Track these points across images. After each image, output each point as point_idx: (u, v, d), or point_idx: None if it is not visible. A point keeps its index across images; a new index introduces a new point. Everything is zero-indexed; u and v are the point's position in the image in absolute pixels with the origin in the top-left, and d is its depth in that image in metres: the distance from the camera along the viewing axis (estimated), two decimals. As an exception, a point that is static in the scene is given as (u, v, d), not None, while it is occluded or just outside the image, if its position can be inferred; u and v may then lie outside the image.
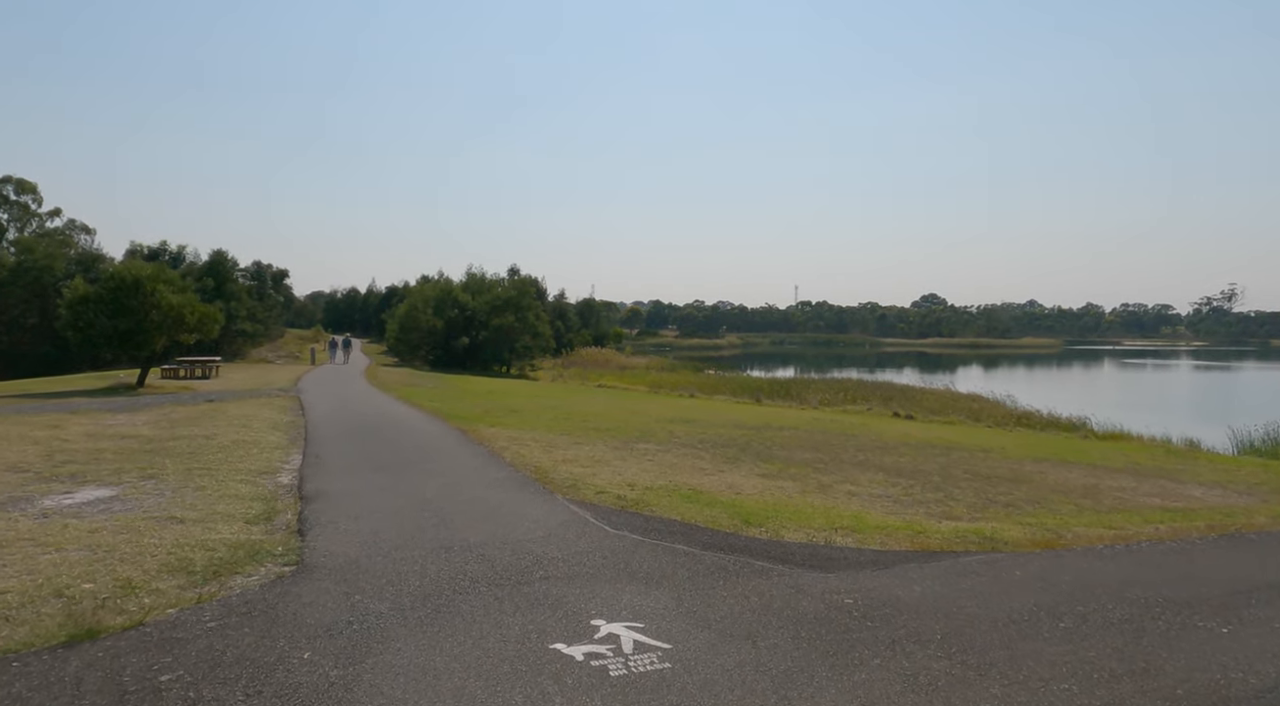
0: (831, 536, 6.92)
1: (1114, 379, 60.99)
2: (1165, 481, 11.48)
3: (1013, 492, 9.86)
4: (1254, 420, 21.38)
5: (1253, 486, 11.32)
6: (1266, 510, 9.37)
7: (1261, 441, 19.06)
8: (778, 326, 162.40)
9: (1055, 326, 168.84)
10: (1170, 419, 25.97)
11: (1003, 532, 7.36)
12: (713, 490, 9.02)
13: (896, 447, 13.89)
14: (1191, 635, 4.63)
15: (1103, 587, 5.54)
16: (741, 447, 13.05)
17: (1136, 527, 7.95)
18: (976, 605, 5.05)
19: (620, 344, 73.37)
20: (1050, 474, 11.64)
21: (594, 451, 11.95)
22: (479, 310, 45.57)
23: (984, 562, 6.15)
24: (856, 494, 9.31)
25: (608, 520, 7.19)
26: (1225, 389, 50.38)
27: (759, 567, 5.75)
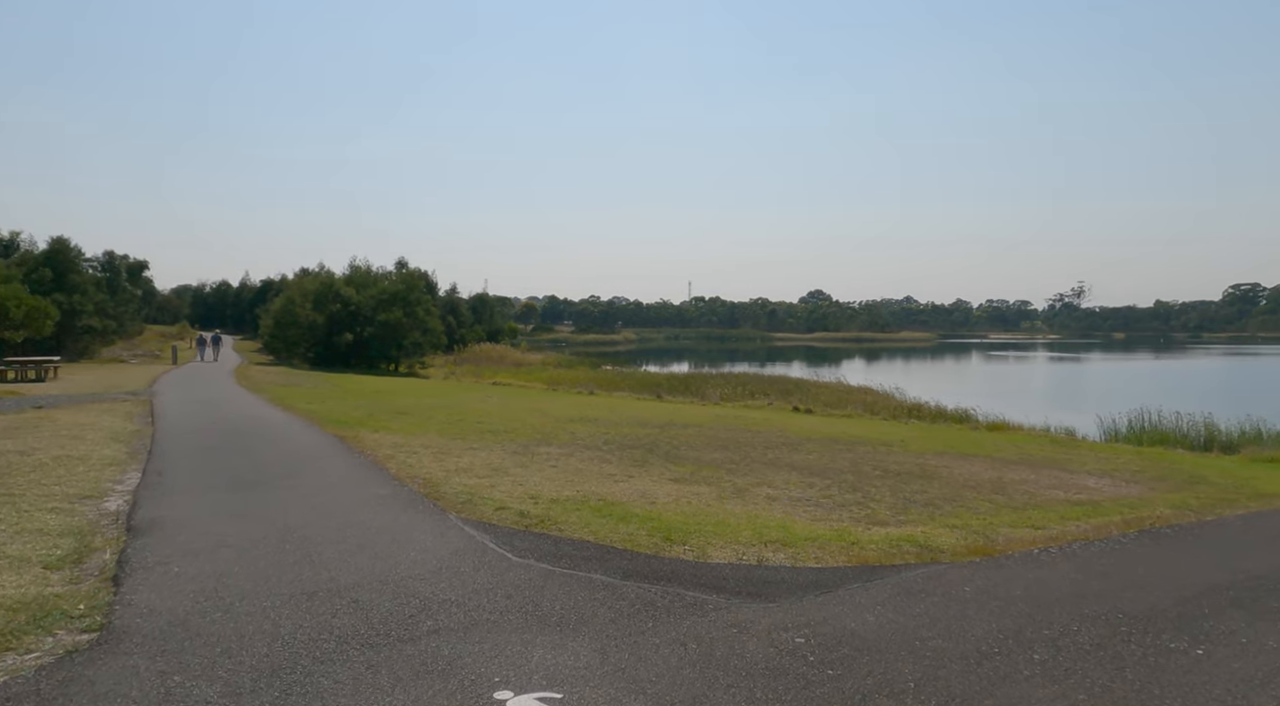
0: (763, 552, 6.24)
1: (985, 370, 64.76)
2: (1059, 471, 11.61)
3: (927, 490, 9.58)
4: (1113, 407, 22.62)
5: (1135, 474, 11.60)
6: (1162, 500, 9.48)
7: (1128, 429, 20.09)
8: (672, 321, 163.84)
9: (930, 321, 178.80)
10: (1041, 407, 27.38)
11: (935, 539, 6.92)
12: (625, 500, 8.20)
13: (803, 444, 13.56)
14: (1172, 662, 4.20)
15: (1058, 604, 5.10)
16: (649, 448, 12.32)
17: (1058, 526, 7.74)
18: (939, 636, 4.45)
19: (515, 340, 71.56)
20: (955, 468, 11.54)
21: (491, 458, 10.89)
22: (364, 305, 42.89)
23: (929, 578, 5.62)
24: (775, 497, 8.75)
25: (510, 544, 6.22)
26: (1081, 378, 54.41)
27: (691, 601, 4.96)
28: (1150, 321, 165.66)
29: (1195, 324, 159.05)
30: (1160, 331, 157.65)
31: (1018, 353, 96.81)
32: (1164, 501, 9.43)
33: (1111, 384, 45.67)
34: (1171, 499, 9.60)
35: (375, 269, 48.06)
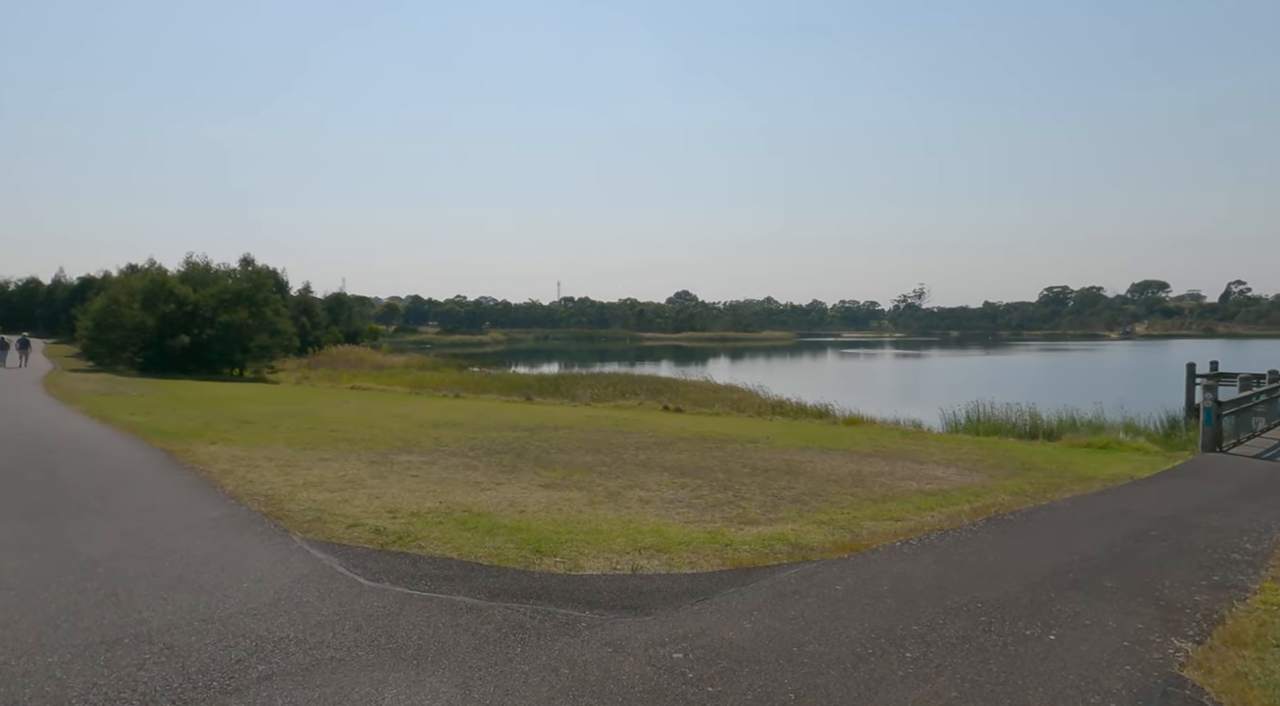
0: (637, 560, 6.02)
1: (840, 366, 68.53)
2: (910, 463, 12.23)
3: (794, 486, 9.77)
4: (953, 400, 24.36)
5: (976, 464, 12.42)
6: (1001, 487, 10.15)
7: (967, 420, 21.63)
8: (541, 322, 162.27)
9: (789, 320, 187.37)
10: (891, 401, 29.15)
11: (805, 536, 6.99)
12: (492, 510, 7.76)
13: (674, 443, 13.57)
14: (1029, 650, 4.34)
15: (924, 598, 5.21)
16: (518, 453, 11.88)
17: (915, 517, 8.05)
18: (816, 640, 4.39)
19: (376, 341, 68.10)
20: (818, 462, 11.89)
21: (345, 469, 10.08)
22: (203, 304, 39.23)
23: (802, 578, 5.61)
24: (649, 500, 8.59)
25: (363, 567, 5.65)
26: (924, 373, 58.73)
27: (563, 619, 4.65)
28: (980, 320, 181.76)
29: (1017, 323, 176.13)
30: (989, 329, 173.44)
31: (868, 350, 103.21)
32: (1003, 488, 10.10)
33: (950, 378, 49.50)
34: (1009, 485, 10.31)
35: (217, 266, 44.19)
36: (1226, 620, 4.93)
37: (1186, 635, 4.65)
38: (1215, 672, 4.08)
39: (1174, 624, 4.85)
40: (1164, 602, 5.28)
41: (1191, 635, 4.66)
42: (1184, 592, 5.52)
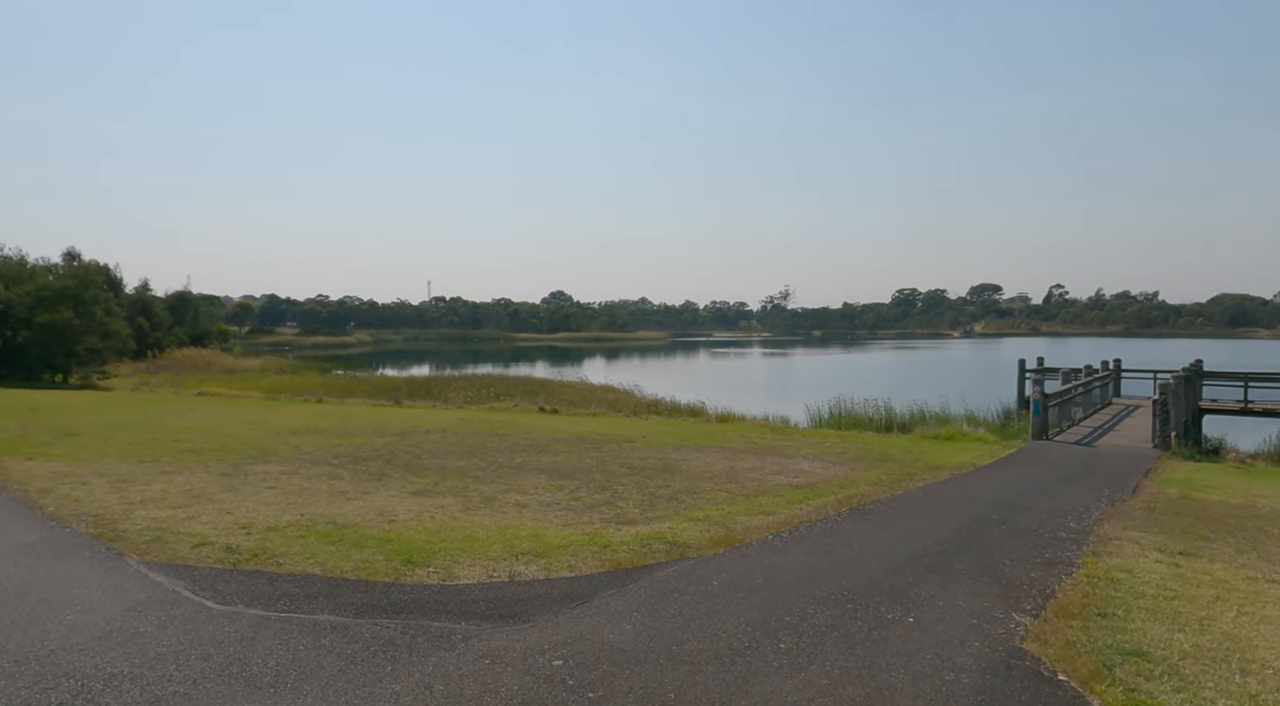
0: (515, 566, 5.89)
1: (712, 365, 70.49)
2: (780, 458, 12.74)
3: (670, 484, 9.92)
4: (817, 395, 25.63)
5: (840, 456, 13.11)
6: (863, 479, 10.75)
7: (830, 415, 22.80)
8: (411, 322, 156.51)
9: (663, 321, 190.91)
10: (761, 398, 30.29)
11: (682, 534, 7.09)
12: (360, 521, 7.36)
13: (551, 445, 13.45)
14: (892, 634, 4.59)
15: (795, 589, 5.41)
16: (387, 459, 11.36)
17: (786, 510, 8.37)
18: (694, 637, 4.44)
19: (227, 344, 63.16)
20: (693, 460, 12.14)
21: (192, 482, 9.26)
22: (17, 303, 34.98)
23: (680, 576, 5.67)
24: (525, 504, 8.45)
25: (212, 589, 5.19)
26: (790, 370, 61.48)
27: (437, 632, 4.46)
28: (840, 321, 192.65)
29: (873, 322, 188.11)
30: (848, 329, 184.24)
31: (738, 349, 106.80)
32: (864, 479, 10.70)
33: (814, 375, 52.06)
34: (869, 476, 10.94)
35: (35, 261, 39.50)
36: (1057, 594, 5.43)
37: (1025, 610, 5.08)
38: (1050, 643, 4.47)
39: (1014, 600, 5.29)
40: (1005, 581, 5.75)
41: (1029, 610, 5.09)
42: (1021, 570, 6.04)
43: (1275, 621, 4.98)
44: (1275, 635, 4.72)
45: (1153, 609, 5.14)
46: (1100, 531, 7.52)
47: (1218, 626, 4.84)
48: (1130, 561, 6.37)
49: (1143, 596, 5.41)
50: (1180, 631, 4.72)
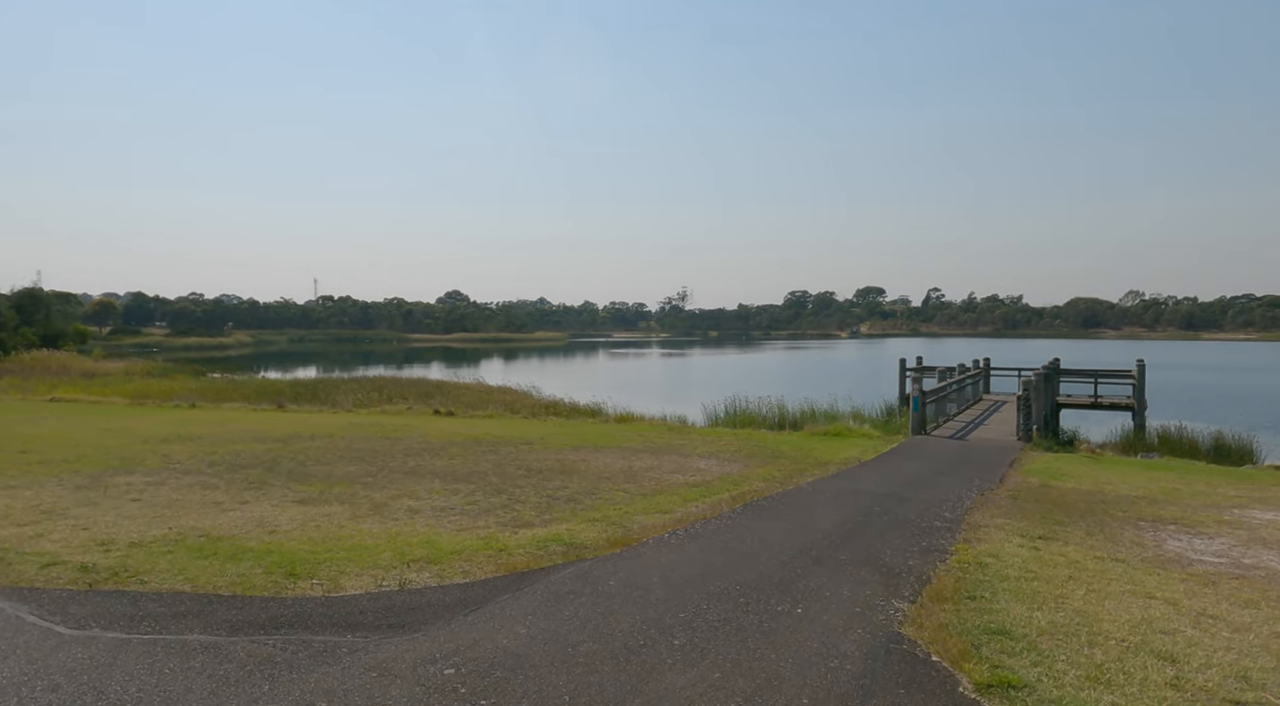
0: (406, 574, 5.70)
1: (611, 366, 70.76)
2: (677, 456, 12.95)
3: (568, 485, 9.88)
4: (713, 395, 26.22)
5: (734, 454, 13.46)
6: (756, 475, 11.08)
7: (725, 413, 23.35)
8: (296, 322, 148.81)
9: (562, 321, 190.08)
10: (659, 398, 30.66)
11: (579, 535, 7.08)
12: (236, 533, 6.93)
13: (446, 448, 13.13)
14: (781, 625, 4.74)
15: (690, 585, 5.50)
16: (268, 467, 10.76)
17: (682, 508, 8.51)
18: (590, 638, 4.44)
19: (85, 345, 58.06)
20: (591, 460, 12.16)
21: (42, 496, 8.46)
22: None
23: (576, 577, 5.66)
24: (418, 510, 8.20)
25: (63, 613, 4.75)
26: (688, 370, 62.53)
27: (320, 647, 4.26)
28: (735, 321, 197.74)
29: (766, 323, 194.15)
30: (742, 329, 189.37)
31: (636, 349, 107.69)
32: (757, 476, 11.02)
33: (710, 375, 53.16)
34: (762, 472, 11.28)
35: None
36: (932, 580, 5.77)
37: (904, 596, 5.37)
38: (925, 626, 4.74)
39: (894, 587, 5.58)
40: (886, 569, 6.06)
41: (907, 596, 5.38)
42: (901, 559, 6.38)
43: (1118, 597, 5.48)
44: (1118, 609, 5.19)
45: (1015, 590, 5.54)
46: (971, 519, 8.05)
47: (1070, 603, 5.27)
48: (996, 546, 6.85)
49: (1007, 578, 5.83)
50: (1038, 609, 5.12)
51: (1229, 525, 8.13)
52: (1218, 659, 4.33)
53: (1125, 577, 5.98)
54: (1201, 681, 4.02)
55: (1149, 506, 9.09)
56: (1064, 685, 3.92)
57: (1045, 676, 4.02)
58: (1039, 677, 4.00)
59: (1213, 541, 7.39)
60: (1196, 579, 6.02)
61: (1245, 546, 7.21)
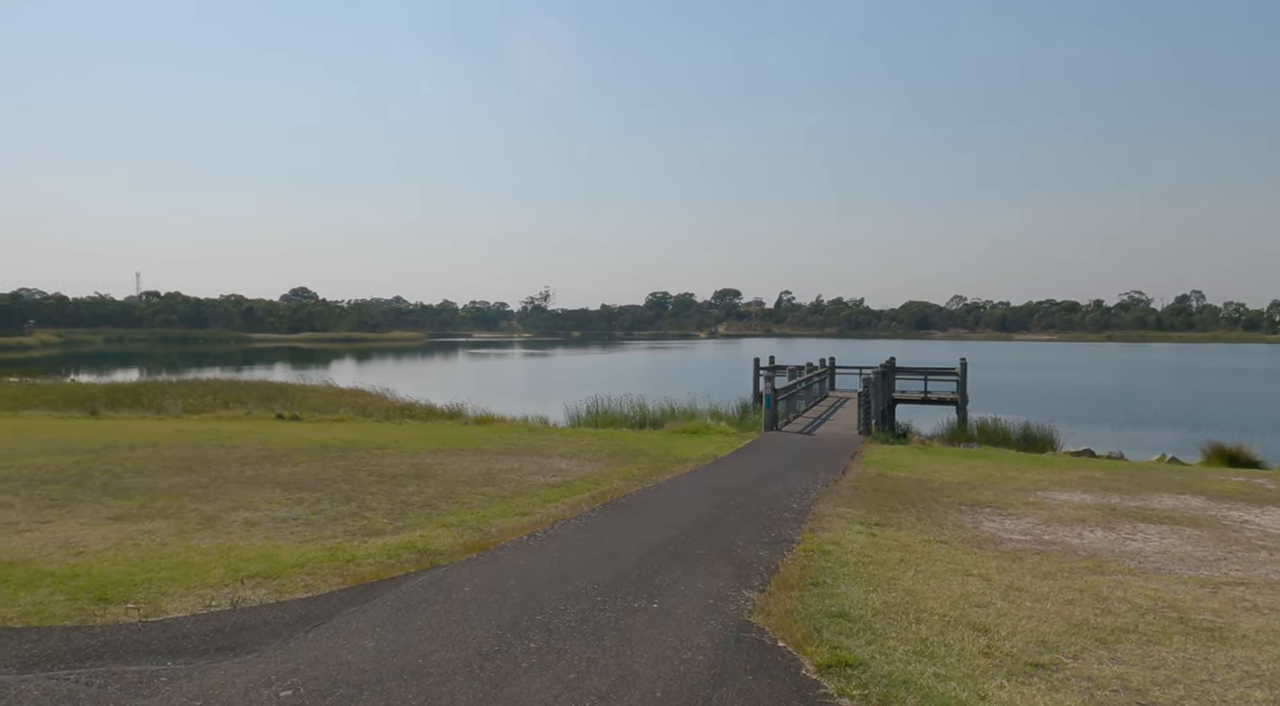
0: (239, 592, 5.28)
1: (471, 366, 69.17)
2: (538, 458, 12.86)
3: (424, 490, 9.56)
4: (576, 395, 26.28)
5: (596, 453, 13.55)
6: (617, 474, 11.20)
7: (588, 413, 23.44)
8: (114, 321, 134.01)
9: (419, 320, 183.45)
10: (520, 399, 30.33)
11: (434, 541, 6.85)
12: (33, 556, 6.15)
13: (290, 455, 12.32)
14: (637, 621, 4.80)
15: (548, 587, 5.46)
16: (76, 481, 9.64)
17: (542, 509, 8.44)
18: (443, 647, 4.30)
19: None
20: (449, 464, 11.83)
21: None
22: None
23: (430, 585, 5.46)
24: (256, 522, 7.63)
25: None
26: (550, 370, 62.26)
27: (134, 678, 3.85)
28: (598, 321, 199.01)
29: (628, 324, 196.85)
30: (605, 329, 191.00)
31: (498, 350, 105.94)
32: (618, 474, 11.13)
33: (573, 375, 53.18)
34: (623, 471, 11.41)
35: None
36: (780, 569, 6.06)
37: (754, 586, 5.60)
38: (772, 614, 4.97)
39: (745, 578, 5.80)
40: (739, 561, 6.29)
41: (757, 585, 5.62)
42: (752, 550, 6.65)
43: (942, 575, 5.99)
44: (941, 587, 5.67)
45: (854, 574, 5.93)
46: (816, 509, 8.53)
47: (901, 584, 5.71)
48: (838, 534, 7.30)
49: (846, 564, 6.22)
50: (874, 591, 5.50)
51: (1033, 506, 9.11)
52: (1021, 627, 4.83)
53: (948, 558, 6.54)
54: (1008, 648, 4.47)
55: (969, 492, 10.01)
56: (894, 660, 4.23)
57: (878, 653, 4.32)
58: (872, 655, 4.30)
59: (1020, 521, 8.25)
60: (1006, 556, 6.70)
61: (1046, 524, 8.10)
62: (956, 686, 3.92)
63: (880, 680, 3.96)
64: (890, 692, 3.82)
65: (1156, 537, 7.54)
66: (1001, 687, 3.92)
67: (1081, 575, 6.10)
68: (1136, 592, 5.64)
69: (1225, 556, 6.84)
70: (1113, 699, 3.84)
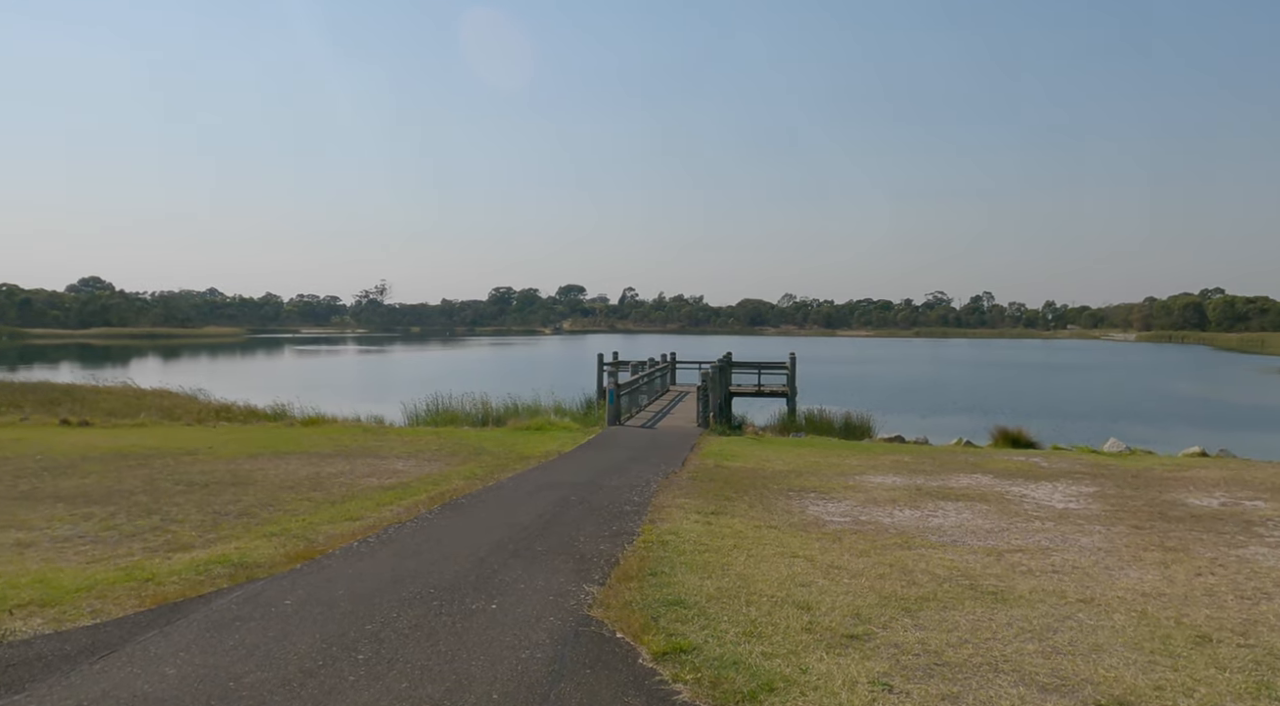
0: (6, 624, 4.59)
1: (299, 364, 64.66)
2: (373, 459, 12.26)
3: (241, 498, 8.82)
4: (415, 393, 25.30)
5: (435, 453, 13.13)
6: (457, 474, 10.90)
7: (427, 412, 22.64)
8: None
9: (238, 315, 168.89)
10: (354, 398, 28.78)
11: (251, 553, 6.32)
12: None
13: (77, 465, 10.93)
14: (474, 623, 4.68)
15: (379, 594, 5.20)
16: None
17: (375, 513, 8.04)
18: (259, 666, 3.96)
19: None
20: (271, 469, 11.00)
21: None
22: None
23: (246, 601, 5.03)
24: (31, 542, 6.70)
25: None
26: (387, 368, 59.50)
27: None
28: (439, 317, 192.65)
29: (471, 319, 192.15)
30: (446, 326, 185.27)
31: (329, 346, 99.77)
32: (458, 474, 10.82)
33: (412, 372, 51.12)
34: (463, 470, 11.12)
35: None
36: (620, 561, 6.14)
37: (594, 580, 5.64)
38: (611, 606, 5.03)
39: (586, 572, 5.83)
40: (580, 555, 6.31)
41: (597, 579, 5.66)
42: (594, 544, 6.70)
43: (771, 559, 6.33)
44: (770, 570, 5.99)
45: (689, 562, 6.13)
46: (656, 501, 8.73)
47: (733, 569, 5.97)
48: (676, 524, 7.51)
49: (683, 553, 6.42)
50: (708, 578, 5.71)
51: (852, 489, 9.86)
52: (840, 602, 5.20)
53: (777, 542, 6.93)
54: (828, 623, 4.80)
55: (796, 479, 10.66)
56: (725, 643, 4.42)
57: (711, 637, 4.49)
58: (705, 639, 4.46)
59: (841, 504, 8.90)
60: (828, 537, 7.19)
61: (863, 506, 8.79)
62: (781, 662, 4.15)
63: (712, 662, 4.12)
64: (721, 674, 3.98)
65: (954, 513, 8.41)
66: (821, 660, 4.20)
67: (892, 551, 6.68)
68: (936, 564, 6.26)
69: (1008, 527, 7.75)
70: (915, 661, 4.22)
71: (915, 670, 4.10)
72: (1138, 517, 8.25)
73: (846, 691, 3.81)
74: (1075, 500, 9.27)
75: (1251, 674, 4.10)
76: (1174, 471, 11.66)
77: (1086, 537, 7.30)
